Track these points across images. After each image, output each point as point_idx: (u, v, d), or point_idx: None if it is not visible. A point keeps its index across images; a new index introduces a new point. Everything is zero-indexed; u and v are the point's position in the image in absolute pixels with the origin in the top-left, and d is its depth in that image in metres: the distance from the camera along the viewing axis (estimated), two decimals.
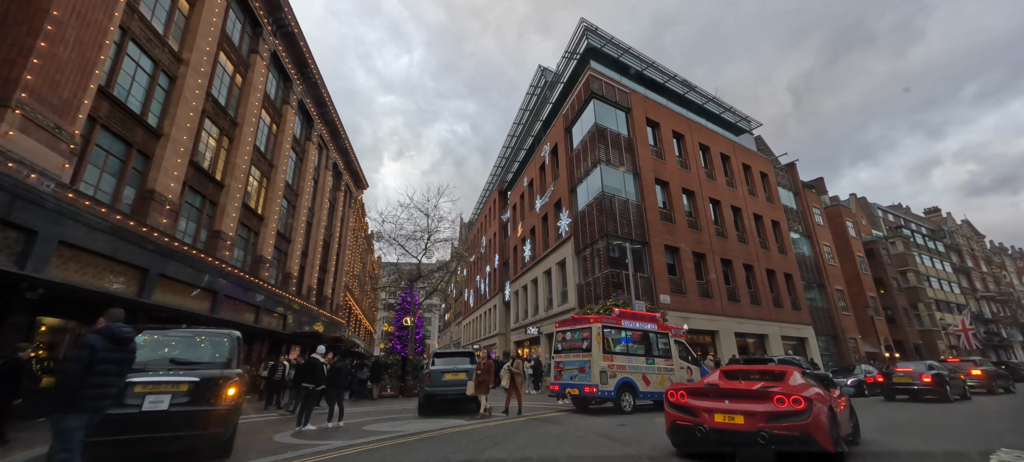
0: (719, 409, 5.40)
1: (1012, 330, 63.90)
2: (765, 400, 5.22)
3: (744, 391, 5.48)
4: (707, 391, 5.74)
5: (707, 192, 25.59)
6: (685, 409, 5.70)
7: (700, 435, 5.43)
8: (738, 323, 23.30)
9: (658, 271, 20.65)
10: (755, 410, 5.16)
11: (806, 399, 5.03)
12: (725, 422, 5.29)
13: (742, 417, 5.18)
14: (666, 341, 12.87)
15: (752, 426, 5.08)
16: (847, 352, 31.86)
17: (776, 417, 5.04)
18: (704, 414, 5.45)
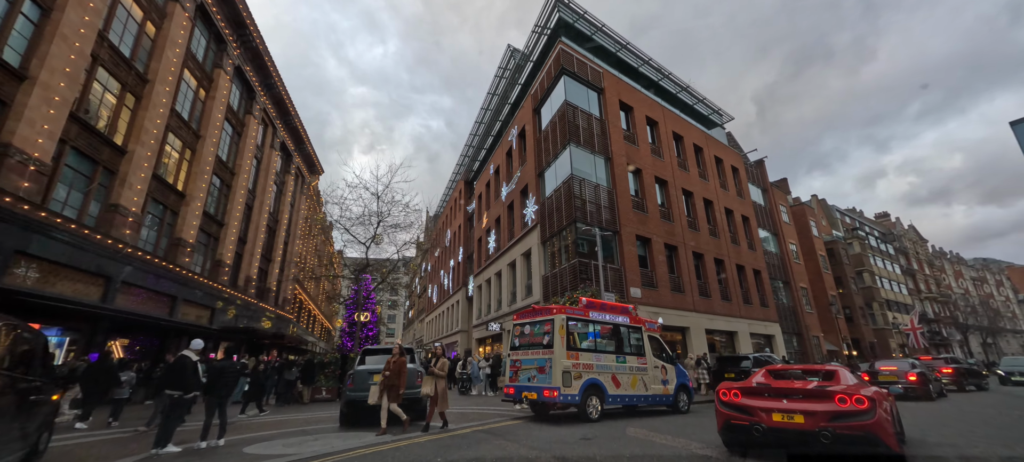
0: (777, 408, 5.29)
1: (951, 329, 67.77)
2: (826, 399, 5.15)
3: (803, 390, 5.42)
4: (762, 390, 5.69)
5: (680, 183, 24.47)
6: (740, 408, 5.61)
7: (757, 434, 5.33)
8: (709, 319, 22.25)
9: (629, 262, 19.17)
10: (816, 409, 5.07)
11: (869, 398, 4.95)
12: (784, 421, 5.19)
13: (802, 416, 5.09)
14: (639, 336, 11.23)
15: (813, 425, 4.98)
16: (811, 350, 31.80)
17: (839, 417, 4.95)
18: (761, 413, 5.36)
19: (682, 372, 11.79)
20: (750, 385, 5.90)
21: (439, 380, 8.08)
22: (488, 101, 32.90)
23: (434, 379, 8.00)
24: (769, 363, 15.54)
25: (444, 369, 8.10)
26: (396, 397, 7.72)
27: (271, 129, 31.00)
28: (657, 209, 22.15)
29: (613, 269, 18.73)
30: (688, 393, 11.68)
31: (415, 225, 20.36)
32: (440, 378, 8.09)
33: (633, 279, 19.03)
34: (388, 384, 7.70)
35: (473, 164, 40.46)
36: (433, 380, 7.99)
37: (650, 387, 10.71)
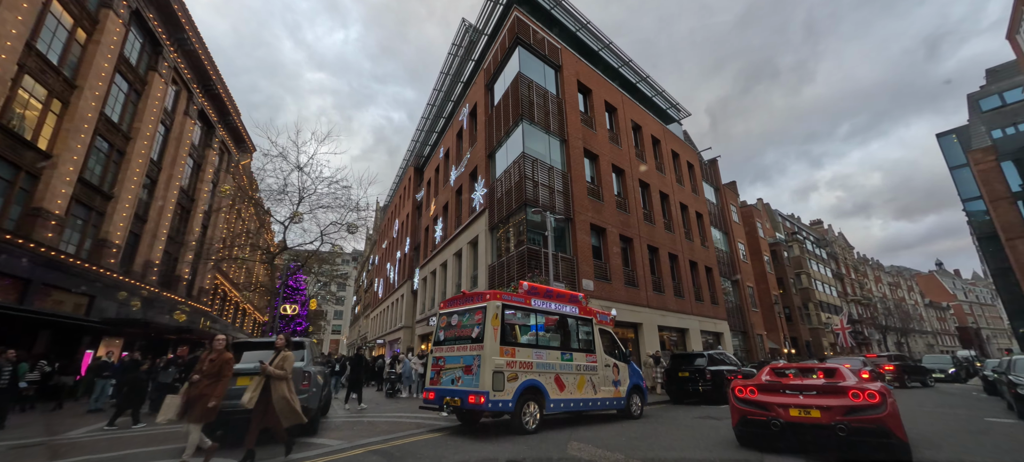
0: (795, 404, 5.52)
1: (871, 329, 73.51)
2: (841, 395, 5.45)
3: (818, 386, 5.67)
4: (778, 386, 5.88)
5: (637, 173, 23.49)
6: (757, 404, 5.84)
7: (775, 429, 5.55)
8: (661, 316, 21.38)
9: (582, 252, 17.74)
10: (832, 404, 5.32)
11: (880, 393, 5.28)
12: (801, 416, 5.42)
13: (819, 411, 5.34)
14: (589, 330, 9.62)
15: (830, 419, 5.24)
16: (755, 348, 32.26)
17: (853, 411, 5.23)
18: (779, 409, 5.59)
19: (636, 371, 10.35)
20: (764, 382, 6.09)
21: (276, 384, 5.35)
22: (441, 81, 30.55)
23: (257, 384, 5.38)
24: (722, 361, 14.63)
25: (286, 366, 5.51)
26: (204, 413, 5.02)
27: (186, 94, 26.89)
28: (613, 198, 20.96)
29: (565, 259, 17.20)
30: (642, 395, 10.25)
31: (350, 209, 17.75)
32: (279, 379, 5.39)
33: (586, 270, 17.61)
34: (193, 395, 5.06)
35: (424, 149, 37.89)
36: (256, 385, 5.37)
37: (600, 389, 9.13)
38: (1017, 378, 9.63)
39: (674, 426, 8.75)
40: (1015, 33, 19.36)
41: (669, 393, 14.35)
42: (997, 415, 10.23)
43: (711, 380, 13.31)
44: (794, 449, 5.84)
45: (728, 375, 13.95)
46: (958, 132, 32.13)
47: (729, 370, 14.20)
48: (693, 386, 13.57)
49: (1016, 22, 18.97)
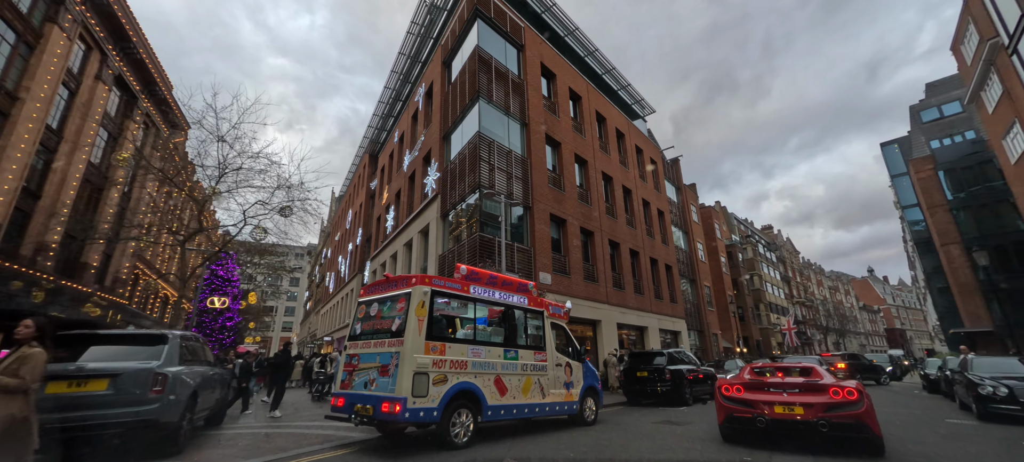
0: (779, 401, 5.77)
1: (813, 330, 77.79)
2: (822, 392, 5.71)
3: (801, 385, 5.95)
4: (762, 385, 6.15)
5: (601, 165, 22.68)
6: (742, 402, 6.08)
7: (760, 425, 5.81)
8: (621, 313, 20.64)
9: (540, 244, 16.57)
10: (814, 402, 5.59)
11: (858, 391, 5.57)
12: (785, 413, 5.65)
13: (802, 408, 5.59)
14: (539, 324, 8.37)
15: (812, 416, 5.49)
16: (710, 347, 32.53)
17: (833, 407, 5.49)
18: (763, 406, 5.84)
19: (591, 371, 9.22)
20: (749, 380, 6.32)
21: (4, 398, 3.15)
22: (399, 63, 28.56)
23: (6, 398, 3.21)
24: (682, 360, 13.91)
25: (24, 371, 3.27)
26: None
27: (99, 55, 23.44)
28: (575, 189, 19.97)
29: (521, 250, 15.96)
30: (596, 398, 9.13)
31: (279, 187, 15.63)
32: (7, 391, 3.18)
33: (544, 263, 16.47)
34: None
35: (380, 135, 35.64)
36: None
37: (549, 392, 7.89)
38: (977, 378, 9.29)
39: (631, 434, 7.66)
40: (959, 44, 20.05)
41: (626, 394, 13.43)
42: (950, 415, 9.94)
43: (670, 380, 12.49)
44: (777, 445, 6.06)
45: (688, 374, 13.21)
46: (900, 142, 33.92)
47: (688, 369, 13.48)
48: (652, 387, 12.71)
49: (961, 34, 19.61)
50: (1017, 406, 8.41)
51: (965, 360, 10.49)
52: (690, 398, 12.92)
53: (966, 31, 19.36)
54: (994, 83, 18.14)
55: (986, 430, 7.94)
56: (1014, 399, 8.48)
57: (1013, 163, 18.19)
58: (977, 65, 18.57)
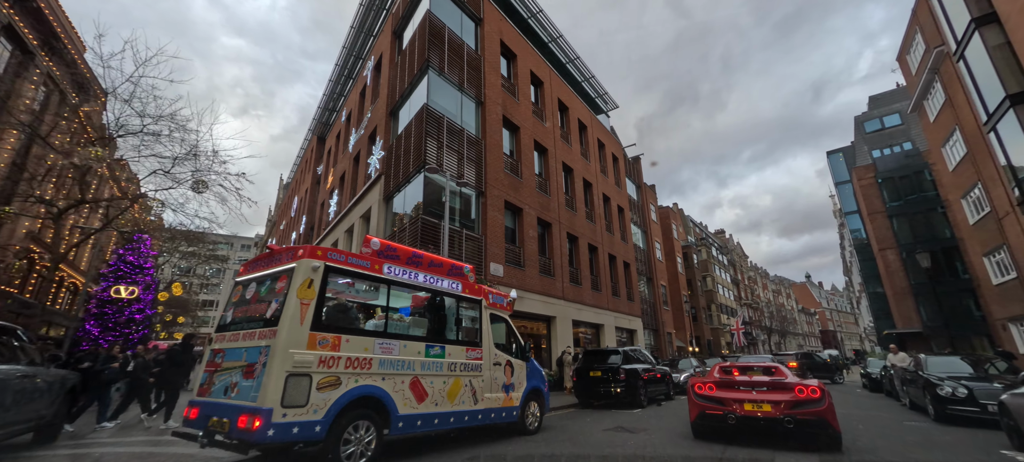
0: (749, 399, 6.12)
1: (758, 331, 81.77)
2: (788, 390, 6.05)
3: (768, 383, 6.30)
4: (732, 384, 6.50)
5: (561, 155, 21.67)
6: (715, 400, 6.39)
7: (730, 422, 6.15)
8: (577, 310, 19.73)
9: (493, 233, 15.25)
10: (781, 399, 5.93)
11: (821, 390, 5.95)
12: (754, 410, 6.00)
13: (770, 406, 5.93)
14: (475, 316, 7.02)
15: (779, 413, 5.83)
16: (665, 346, 32.60)
17: (798, 404, 5.85)
18: (734, 404, 6.16)
19: (537, 371, 7.99)
20: (720, 379, 6.70)
21: None
22: (350, 38, 26.24)
23: None
24: (637, 359, 13.06)
25: None
26: None
27: None
28: (534, 178, 18.81)
29: (471, 238, 14.56)
30: (541, 402, 7.91)
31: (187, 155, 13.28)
32: None
33: (496, 253, 15.15)
34: None
35: (329, 116, 32.97)
36: None
37: (483, 397, 6.56)
38: (936, 378, 8.89)
39: (579, 445, 6.50)
40: (906, 54, 20.70)
41: (578, 395, 12.37)
42: (904, 416, 9.59)
43: (625, 380, 11.54)
44: (745, 440, 6.40)
45: (643, 374, 12.35)
46: (845, 151, 35.59)
47: (644, 369, 12.62)
48: (605, 387, 11.71)
49: (908, 44, 20.21)
50: (977, 408, 8.01)
51: (919, 359, 10.20)
52: (645, 399, 12.06)
53: (913, 40, 19.97)
54: (937, 92, 18.75)
55: (955, 435, 7.43)
56: (973, 400, 8.08)
57: (951, 170, 18.89)
58: (922, 74, 19.15)
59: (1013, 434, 5.95)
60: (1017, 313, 16.17)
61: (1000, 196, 15.53)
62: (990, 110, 13.87)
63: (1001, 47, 13.25)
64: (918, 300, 26.88)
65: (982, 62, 13.79)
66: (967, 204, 18.41)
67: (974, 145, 16.52)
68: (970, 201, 18.13)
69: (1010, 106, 12.83)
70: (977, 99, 14.45)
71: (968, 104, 16.10)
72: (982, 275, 18.31)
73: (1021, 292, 15.53)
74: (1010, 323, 16.95)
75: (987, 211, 16.77)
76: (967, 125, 16.64)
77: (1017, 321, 16.44)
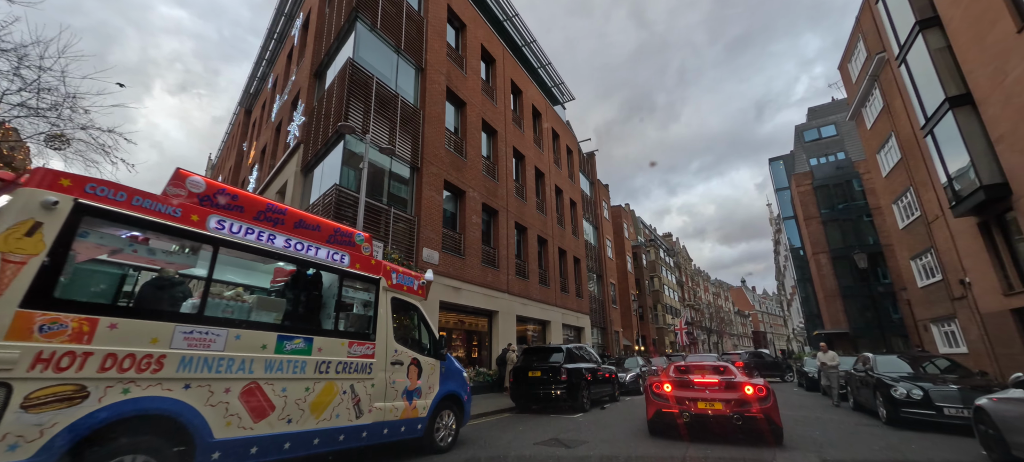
0: (702, 398, 6.52)
1: (699, 331, 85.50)
2: (738, 390, 6.48)
3: (720, 383, 6.70)
4: (687, 383, 6.88)
5: (512, 140, 20.24)
6: (670, 399, 6.72)
7: (685, 419, 6.53)
8: (523, 305, 18.40)
9: (428, 214, 13.48)
10: (731, 398, 6.35)
11: (766, 388, 6.40)
12: (707, 408, 6.37)
13: (721, 404, 6.33)
14: (369, 299, 5.29)
15: (730, 411, 6.22)
16: (612, 344, 32.25)
17: (746, 403, 6.24)
18: (688, 403, 6.52)
19: (455, 372, 6.39)
20: (675, 378, 7.09)
21: None
22: (283, 4, 23.22)
23: None
24: (582, 358, 11.89)
25: None
26: None
27: None
28: (480, 160, 17.22)
29: (403, 218, 12.71)
30: (459, 410, 6.32)
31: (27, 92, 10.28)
32: None
33: (431, 238, 13.40)
34: None
35: (260, 85, 29.43)
36: None
37: (372, 407, 4.86)
38: (890, 379, 8.31)
39: None
40: (847, 62, 21.28)
41: (515, 398, 10.94)
42: (855, 419, 9.03)
43: (566, 381, 10.26)
44: (696, 437, 6.65)
45: (587, 374, 11.15)
46: (785, 159, 37.23)
47: (588, 368, 11.45)
48: (545, 389, 10.36)
49: (850, 52, 20.75)
50: (932, 411, 7.42)
51: (868, 359, 9.71)
52: (588, 402, 10.86)
53: (855, 48, 20.51)
54: (875, 99, 19.30)
55: (919, 442, 6.71)
56: (929, 403, 7.49)
57: (885, 176, 19.53)
58: (862, 81, 19.66)
59: (993, 444, 5.18)
60: (940, 314, 16.79)
61: (931, 200, 16.00)
62: (928, 114, 14.07)
63: (942, 51, 13.40)
64: (846, 302, 28.23)
65: (923, 65, 13.95)
66: (898, 209, 19.08)
67: (908, 151, 16.98)
68: (901, 206, 18.78)
69: (949, 109, 12.96)
70: (916, 103, 14.66)
71: (905, 110, 16.49)
72: (909, 278, 19.05)
73: (945, 294, 16.08)
74: (932, 324, 17.64)
75: (917, 215, 17.33)
76: (903, 131, 17.09)
77: (939, 322, 17.10)
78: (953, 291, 15.57)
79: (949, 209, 14.46)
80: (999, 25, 11.19)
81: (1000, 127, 11.79)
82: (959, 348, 15.88)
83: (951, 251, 15.21)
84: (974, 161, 12.34)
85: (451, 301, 13.90)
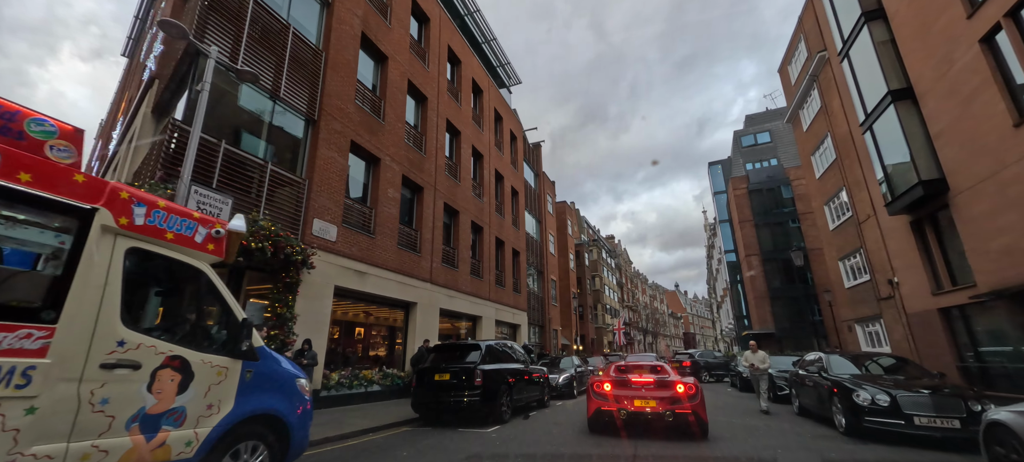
0: (638, 396, 6.88)
1: (636, 331, 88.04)
2: (671, 388, 6.85)
3: (655, 382, 7.07)
4: (626, 382, 7.21)
5: (447, 112, 17.95)
6: (609, 397, 7.02)
7: (622, 417, 6.89)
8: (448, 297, 16.19)
9: (324, 177, 10.86)
10: (664, 396, 6.76)
11: (696, 387, 6.85)
12: (643, 406, 6.75)
13: (655, 402, 6.72)
14: (58, 246, 2.82)
15: (662, 408, 6.63)
16: (550, 343, 30.91)
17: (677, 400, 6.66)
18: (626, 401, 6.87)
19: (279, 380, 4.04)
20: (615, 377, 7.39)
21: None
22: None
23: None
24: (508, 356, 9.95)
25: None
26: None
27: None
28: (403, 126, 14.76)
29: (288, 180, 10.00)
30: (279, 440, 3.96)
31: None
32: None
33: (327, 207, 10.78)
34: None
35: (143, 27, 24.52)
36: None
37: (28, 454, 2.44)
38: (852, 383, 7.14)
39: None
40: (788, 64, 21.37)
41: (417, 407, 8.71)
42: (799, 426, 7.87)
43: (482, 386, 8.22)
44: (632, 433, 7.00)
45: (509, 377, 9.20)
46: (723, 163, 38.26)
47: (512, 370, 9.51)
48: (455, 396, 8.25)
49: (790, 53, 20.81)
50: (900, 420, 6.26)
51: (823, 359, 8.64)
52: (508, 411, 8.89)
53: (796, 49, 20.58)
54: (813, 100, 19.36)
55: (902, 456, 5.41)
56: (897, 411, 6.33)
57: (818, 177, 19.66)
58: (801, 82, 19.68)
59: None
60: (865, 314, 16.91)
61: (863, 201, 15.97)
62: (868, 110, 13.78)
63: (886, 44, 13.09)
64: (773, 304, 28.99)
65: (867, 59, 13.63)
66: (829, 210, 19.24)
67: (843, 150, 16.96)
68: (833, 207, 18.93)
69: (891, 102, 12.62)
70: (857, 99, 14.40)
71: (842, 110, 16.39)
72: (836, 279, 19.26)
73: (872, 294, 16.13)
74: (856, 324, 17.82)
75: (848, 216, 17.39)
76: (839, 130, 17.05)
77: (864, 322, 17.24)
78: (880, 291, 15.59)
79: (884, 208, 14.30)
80: (947, 13, 10.79)
81: (941, 121, 11.48)
82: (883, 347, 15.98)
83: (881, 251, 15.17)
84: (913, 156, 12.01)
85: (353, 287, 11.36)
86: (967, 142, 10.66)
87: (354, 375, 10.92)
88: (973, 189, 10.59)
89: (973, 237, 10.72)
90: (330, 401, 10.09)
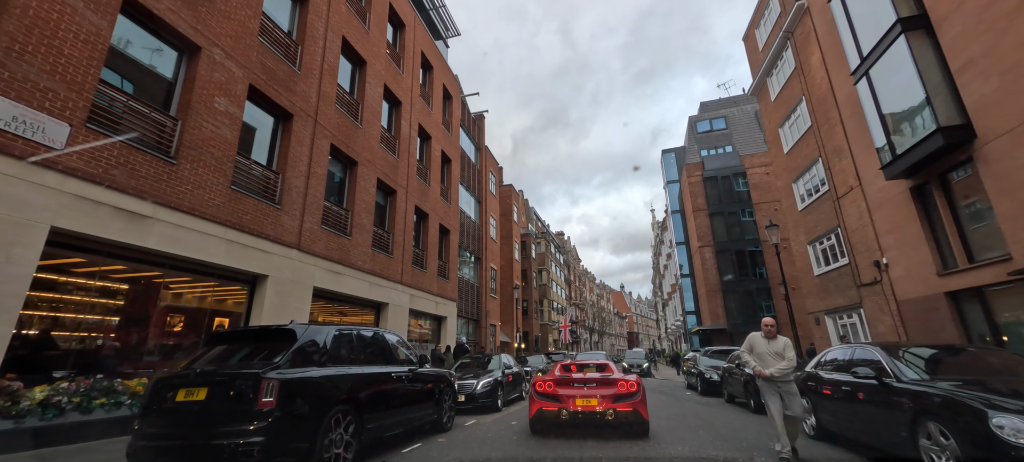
0: (580, 395, 6.65)
1: (582, 330, 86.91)
2: (612, 386, 6.71)
3: (597, 379, 6.93)
4: (569, 381, 6.98)
5: (348, 32, 13.43)
6: (551, 397, 6.76)
7: (565, 416, 6.58)
8: (335, 274, 11.79)
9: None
10: (606, 394, 6.59)
11: (638, 384, 6.75)
12: (585, 405, 6.55)
13: (596, 400, 6.54)
14: None
15: (604, 406, 6.45)
16: (485, 339, 27.09)
17: (619, 398, 6.52)
18: (568, 400, 6.62)
19: None
20: (558, 377, 7.09)
21: None
22: None
23: None
24: (364, 351, 5.85)
25: None
26: None
27: None
28: (258, 18, 10.16)
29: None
30: None
31: None
32: None
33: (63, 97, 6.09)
34: None
35: None
36: None
37: None
38: (971, 398, 3.83)
39: None
40: (754, 28, 19.13)
41: (135, 454, 4.36)
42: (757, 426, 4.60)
43: (276, 414, 4.07)
44: (576, 433, 6.83)
45: (364, 389, 5.11)
46: (677, 151, 36.55)
47: (368, 376, 5.45)
48: (221, 436, 4.02)
49: (758, 16, 18.52)
50: None
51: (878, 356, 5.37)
52: (350, 453, 4.82)
53: (765, 11, 18.24)
54: (785, 62, 17.03)
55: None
56: None
57: (787, 151, 17.41)
58: (772, 43, 17.35)
59: None
60: (840, 305, 14.64)
61: (844, 170, 13.61)
62: (866, 51, 11.22)
63: None
64: (726, 297, 27.14)
65: None
66: (798, 188, 17.01)
67: (821, 114, 14.60)
68: (802, 183, 16.69)
69: (901, 32, 10.00)
70: (851, 41, 11.84)
71: (824, 64, 13.98)
72: (803, 266, 17.05)
73: (850, 281, 13.81)
74: (826, 315, 15.60)
75: (824, 190, 15.08)
76: (817, 91, 14.67)
77: (837, 313, 15.00)
78: (861, 276, 13.25)
79: (873, 176, 11.84)
80: None
81: (967, 51, 8.90)
82: None
83: (865, 228, 12.79)
84: (930, 97, 9.43)
85: (165, 251, 6.74)
86: (1008, 71, 8.10)
87: (101, 387, 6.28)
88: (1012, 133, 8.03)
89: (1010, 197, 8.17)
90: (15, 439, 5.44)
